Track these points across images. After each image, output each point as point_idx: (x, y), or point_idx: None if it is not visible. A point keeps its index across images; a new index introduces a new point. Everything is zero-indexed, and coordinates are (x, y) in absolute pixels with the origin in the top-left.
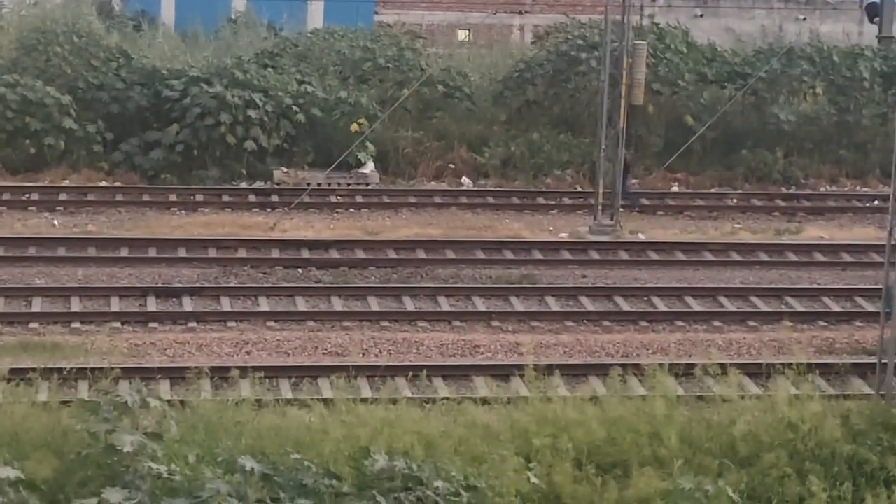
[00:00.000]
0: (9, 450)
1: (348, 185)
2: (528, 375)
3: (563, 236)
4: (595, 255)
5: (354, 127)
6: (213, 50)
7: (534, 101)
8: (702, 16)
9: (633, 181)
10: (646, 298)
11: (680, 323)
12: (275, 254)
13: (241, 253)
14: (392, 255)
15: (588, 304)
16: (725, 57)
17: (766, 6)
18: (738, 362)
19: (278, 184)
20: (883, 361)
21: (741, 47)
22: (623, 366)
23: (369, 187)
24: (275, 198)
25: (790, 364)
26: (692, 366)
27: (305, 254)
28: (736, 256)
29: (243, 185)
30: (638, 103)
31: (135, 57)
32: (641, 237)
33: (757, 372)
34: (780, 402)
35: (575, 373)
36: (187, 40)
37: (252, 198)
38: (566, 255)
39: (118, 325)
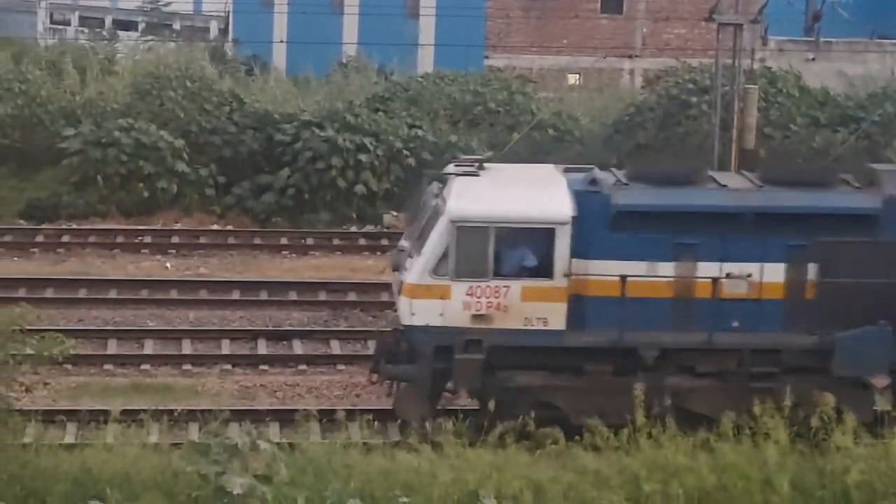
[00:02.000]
0: (121, 490)
1: None
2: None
3: None
4: None
5: None
6: (324, 94)
7: (644, 145)
8: (814, 59)
9: None
10: None
11: None
12: (384, 297)
13: (352, 296)
14: None
15: None
16: (838, 101)
17: (879, 49)
18: None
19: (388, 227)
20: None
21: (854, 91)
22: None
23: None
24: (384, 241)
25: None
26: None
27: None
28: None
29: (353, 228)
30: (749, 147)
31: (247, 101)
32: None
33: None
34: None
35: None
36: (299, 84)
37: (362, 241)
38: None
39: (229, 367)
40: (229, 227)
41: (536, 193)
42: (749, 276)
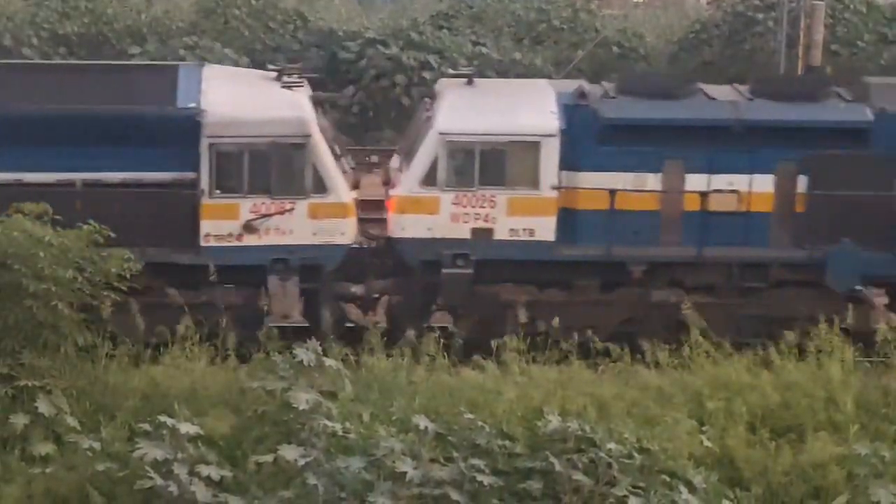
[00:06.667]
0: (188, 406)
1: None
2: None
3: None
4: None
5: None
6: (389, 12)
7: (710, 63)
8: None
9: None
10: None
11: None
12: None
13: None
14: None
15: None
16: None
17: None
18: None
19: None
20: None
21: None
22: None
23: None
24: None
25: None
26: None
27: None
28: None
29: None
30: (816, 64)
31: (311, 19)
32: None
33: None
34: None
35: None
36: (363, 2)
37: None
38: None
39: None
40: None
41: None
42: None
